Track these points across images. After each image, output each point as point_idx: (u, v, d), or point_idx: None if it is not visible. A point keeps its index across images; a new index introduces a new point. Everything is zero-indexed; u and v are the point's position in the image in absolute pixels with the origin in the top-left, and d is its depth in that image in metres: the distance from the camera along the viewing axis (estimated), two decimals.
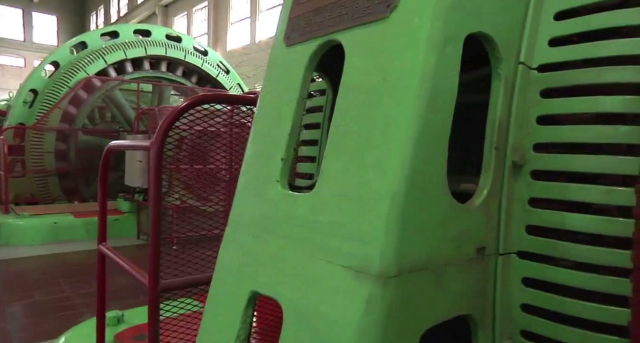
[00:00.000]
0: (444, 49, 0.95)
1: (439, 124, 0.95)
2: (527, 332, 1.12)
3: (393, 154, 0.93)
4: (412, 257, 0.93)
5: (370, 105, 1.00)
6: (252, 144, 1.38)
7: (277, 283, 1.12)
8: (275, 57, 1.39)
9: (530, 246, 1.11)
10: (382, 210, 0.91)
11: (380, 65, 1.01)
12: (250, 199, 1.31)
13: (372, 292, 0.89)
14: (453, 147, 1.55)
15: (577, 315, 1.03)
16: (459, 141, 1.53)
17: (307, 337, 0.99)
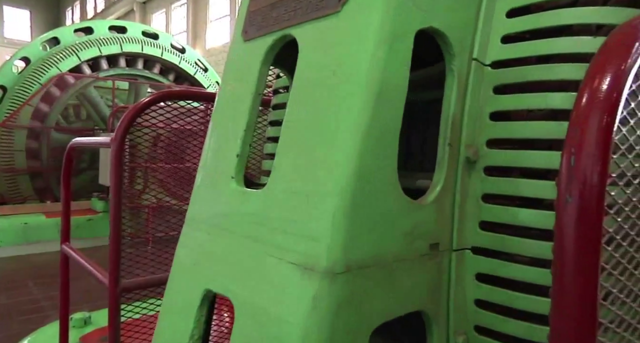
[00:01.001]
0: (394, 44, 0.94)
1: (388, 119, 0.95)
2: (481, 327, 1.13)
3: (340, 149, 0.92)
4: (361, 253, 0.92)
5: (320, 100, 0.99)
6: (209, 139, 1.35)
7: (229, 282, 1.10)
8: (233, 52, 1.37)
9: (484, 242, 1.11)
10: (329, 206, 0.90)
11: (331, 60, 1.00)
12: (206, 196, 1.29)
13: (319, 289, 0.88)
14: (414, 144, 1.55)
15: (530, 310, 1.04)
16: (420, 138, 1.54)
17: (256, 336, 0.97)
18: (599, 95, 0.54)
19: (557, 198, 0.52)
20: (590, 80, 0.56)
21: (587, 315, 0.51)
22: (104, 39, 9.02)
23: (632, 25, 0.58)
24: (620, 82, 0.54)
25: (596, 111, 0.53)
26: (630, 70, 0.55)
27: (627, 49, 0.55)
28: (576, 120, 0.54)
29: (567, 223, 0.51)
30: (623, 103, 0.54)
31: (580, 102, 0.55)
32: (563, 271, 0.50)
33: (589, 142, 0.51)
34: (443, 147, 1.10)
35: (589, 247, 0.50)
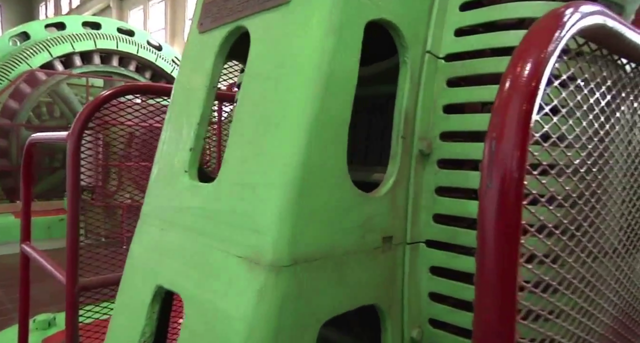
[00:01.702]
0: (342, 34, 0.93)
1: (336, 110, 0.94)
2: (435, 320, 1.13)
3: (287, 141, 0.90)
4: (308, 246, 0.91)
5: (269, 91, 0.98)
6: (164, 133, 1.32)
7: (179, 277, 1.07)
8: (189, 44, 1.34)
9: (438, 235, 1.11)
10: (274, 198, 0.89)
11: (280, 51, 0.98)
12: (160, 190, 1.26)
13: (265, 283, 0.87)
14: (374, 139, 1.55)
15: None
16: (380, 133, 1.53)
17: (203, 332, 0.95)
18: (518, 83, 0.54)
19: (479, 185, 0.51)
20: (511, 68, 0.56)
21: (507, 300, 0.51)
22: (77, 35, 8.81)
23: (554, 14, 0.59)
24: (539, 70, 0.54)
25: (516, 98, 0.53)
26: (550, 57, 0.55)
27: (548, 37, 0.55)
28: (497, 107, 0.54)
29: (487, 209, 0.51)
30: (542, 90, 0.54)
31: (502, 90, 0.55)
32: (484, 257, 0.50)
33: (509, 129, 0.51)
34: (396, 140, 1.09)
35: (508, 232, 0.50)
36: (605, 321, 0.92)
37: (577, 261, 0.80)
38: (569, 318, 0.80)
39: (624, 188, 0.99)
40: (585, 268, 0.82)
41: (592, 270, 0.84)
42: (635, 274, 1.04)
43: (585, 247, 0.81)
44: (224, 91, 3.49)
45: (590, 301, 0.85)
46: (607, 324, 0.93)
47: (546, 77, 0.55)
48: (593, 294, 0.85)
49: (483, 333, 0.51)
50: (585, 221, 0.82)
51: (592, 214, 0.82)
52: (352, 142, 1.60)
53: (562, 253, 0.74)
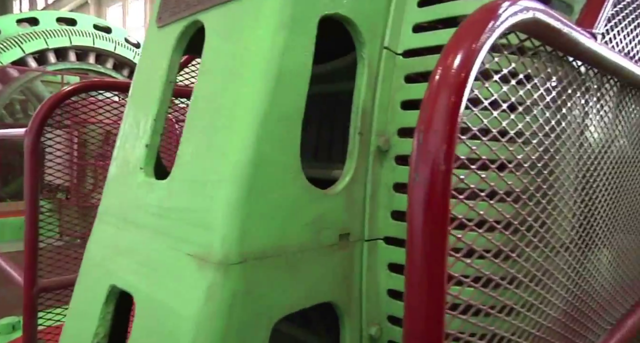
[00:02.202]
0: (293, 29, 0.92)
1: (289, 105, 0.92)
2: (394, 317, 1.12)
3: (237, 136, 0.89)
4: (259, 243, 0.89)
5: (221, 87, 0.96)
6: (122, 129, 1.29)
7: (132, 276, 1.05)
8: (147, 39, 1.32)
9: (396, 231, 1.11)
10: (224, 195, 0.87)
11: (232, 46, 0.97)
12: (117, 187, 1.23)
13: (213, 281, 0.85)
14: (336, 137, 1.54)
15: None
16: (342, 130, 1.53)
17: (153, 331, 0.93)
18: (447, 75, 0.53)
19: (409, 178, 0.51)
20: (441, 61, 0.55)
21: (435, 292, 0.51)
22: (51, 31, 8.60)
23: (486, 7, 0.58)
24: (468, 63, 0.53)
25: (444, 91, 0.52)
26: (480, 50, 0.55)
27: (479, 29, 0.55)
28: (426, 100, 0.53)
29: (415, 202, 0.50)
30: (471, 82, 0.54)
31: (431, 82, 0.54)
32: (412, 249, 0.50)
33: (437, 121, 0.50)
34: (354, 136, 1.09)
35: (435, 225, 0.49)
36: (554, 315, 0.93)
37: (521, 257, 0.80)
38: (513, 313, 0.81)
39: (576, 186, 1.00)
40: (531, 263, 0.83)
41: (537, 266, 0.84)
42: (586, 270, 1.06)
43: (530, 243, 0.82)
44: (181, 87, 3.44)
45: (537, 296, 0.86)
46: (555, 318, 0.94)
47: (476, 70, 0.55)
48: (539, 289, 0.86)
49: (412, 324, 0.51)
50: (531, 217, 0.82)
51: (537, 210, 0.83)
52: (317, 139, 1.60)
53: (504, 249, 0.75)
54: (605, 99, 1.08)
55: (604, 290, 1.20)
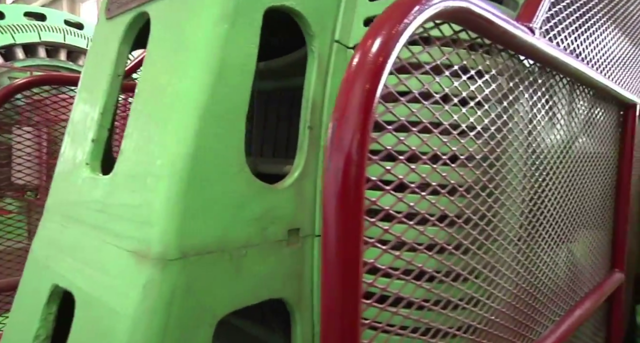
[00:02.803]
0: (236, 21, 0.90)
1: (231, 98, 0.91)
2: None
3: (176, 130, 0.87)
4: (200, 238, 0.87)
5: (164, 79, 0.94)
6: (70, 124, 1.26)
7: (73, 275, 1.02)
8: (96, 31, 1.28)
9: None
10: (162, 189, 0.85)
11: (175, 37, 0.95)
12: (63, 184, 1.20)
13: (151, 277, 0.83)
14: (292, 132, 1.53)
15: (388, 293, 1.04)
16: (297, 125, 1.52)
17: (91, 330, 0.90)
18: (365, 60, 0.52)
19: (323, 167, 0.50)
20: (361, 44, 0.54)
21: (350, 283, 0.50)
22: (19, 26, 8.30)
23: None
24: (387, 47, 0.53)
25: (360, 76, 0.51)
26: (401, 35, 0.54)
27: (403, 12, 0.54)
28: (342, 85, 0.52)
29: (328, 191, 0.49)
30: (389, 68, 0.53)
31: (349, 68, 0.53)
32: (326, 239, 0.48)
33: (350, 109, 0.49)
34: (303, 130, 1.07)
35: (348, 214, 0.48)
36: (498, 308, 0.93)
37: (459, 250, 0.81)
38: (450, 307, 0.81)
39: (521, 180, 1.01)
40: (469, 257, 0.83)
41: (477, 259, 0.85)
42: (532, 263, 1.07)
43: (467, 236, 0.82)
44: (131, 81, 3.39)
45: (476, 289, 0.86)
46: (500, 311, 0.94)
47: (394, 55, 0.54)
48: (480, 282, 0.86)
49: (327, 313, 0.50)
50: (469, 210, 0.83)
51: (477, 203, 0.83)
52: (275, 135, 1.58)
53: (439, 241, 0.75)
54: (552, 95, 1.10)
55: (552, 283, 1.21)
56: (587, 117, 1.37)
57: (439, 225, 0.75)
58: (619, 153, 1.73)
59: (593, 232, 1.63)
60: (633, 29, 1.79)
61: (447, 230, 0.77)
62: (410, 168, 0.67)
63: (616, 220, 1.74)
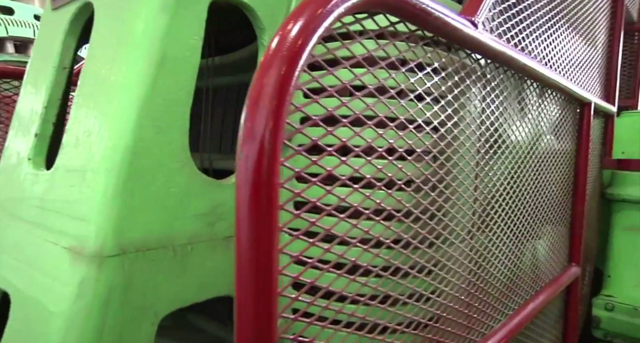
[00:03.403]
0: (178, 12, 0.88)
1: (173, 91, 0.88)
2: (297, 310, 1.10)
3: (115, 123, 0.84)
4: (140, 234, 0.85)
5: (105, 71, 0.91)
6: (15, 118, 1.21)
7: (12, 275, 0.98)
8: (42, 22, 1.24)
9: (299, 223, 1.09)
10: (99, 184, 0.82)
11: (117, 28, 0.92)
12: (6, 181, 1.15)
13: (87, 275, 0.80)
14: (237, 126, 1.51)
15: (333, 289, 1.04)
16: None
17: (25, 330, 0.87)
18: (284, 42, 0.51)
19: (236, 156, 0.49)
20: (282, 27, 0.52)
21: (263, 277, 0.49)
22: None
23: None
24: (308, 30, 0.51)
25: (277, 59, 0.50)
26: (325, 19, 0.53)
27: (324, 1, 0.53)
28: (257, 70, 0.51)
29: (240, 183, 0.48)
30: (308, 52, 0.51)
31: (267, 51, 0.51)
32: (239, 229, 0.47)
33: (264, 94, 0.48)
34: None
35: (260, 209, 0.47)
36: (447, 304, 0.94)
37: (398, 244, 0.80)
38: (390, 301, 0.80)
39: (468, 174, 1.01)
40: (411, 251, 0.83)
41: (419, 253, 0.85)
42: (483, 258, 1.08)
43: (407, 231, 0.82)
44: None
45: (421, 284, 0.86)
46: (448, 307, 0.95)
47: (315, 40, 0.53)
48: (423, 277, 0.86)
49: (241, 307, 0.49)
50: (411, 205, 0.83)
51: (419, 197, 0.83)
52: (233, 130, 1.56)
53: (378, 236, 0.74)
54: (502, 91, 1.11)
55: (506, 277, 1.23)
56: (542, 114, 1.39)
57: (375, 219, 0.75)
58: (576, 150, 1.77)
59: (552, 227, 1.66)
60: (587, 29, 1.83)
61: (384, 224, 0.76)
62: (341, 160, 0.66)
63: (573, 215, 1.77)
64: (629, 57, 2.73)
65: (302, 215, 0.60)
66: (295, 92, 0.55)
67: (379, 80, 0.71)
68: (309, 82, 0.60)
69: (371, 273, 0.75)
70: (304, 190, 0.59)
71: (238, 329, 0.50)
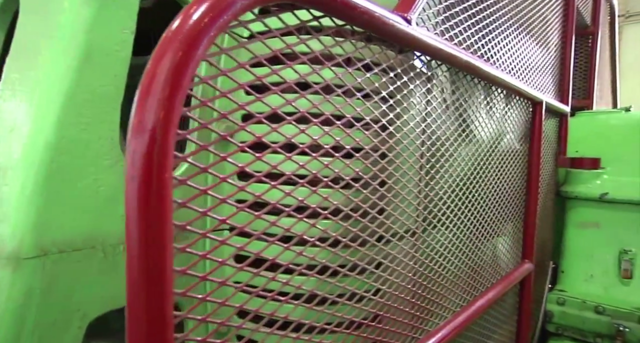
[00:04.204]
0: (104, 4, 0.85)
1: (100, 86, 0.85)
2: (243, 312, 1.09)
3: (36, 119, 0.80)
4: (64, 234, 0.81)
5: (28, 65, 0.87)
6: None
7: None
8: None
9: (242, 221, 1.07)
10: (18, 182, 0.78)
11: (42, 21, 0.88)
12: None
13: (2, 278, 0.76)
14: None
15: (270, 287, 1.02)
16: None
17: None
18: (183, 26, 0.48)
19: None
20: (185, 11, 0.50)
21: (154, 276, 0.47)
22: None
23: None
24: (212, 14, 0.49)
25: (173, 42, 0.46)
26: (232, 5, 0.51)
27: None
28: (153, 54, 0.48)
29: (129, 177, 0.45)
30: (210, 38, 0.49)
31: (165, 33, 0.48)
32: (129, 233, 0.45)
33: (156, 82, 0.46)
34: (193, 123, 1.03)
35: (150, 204, 0.45)
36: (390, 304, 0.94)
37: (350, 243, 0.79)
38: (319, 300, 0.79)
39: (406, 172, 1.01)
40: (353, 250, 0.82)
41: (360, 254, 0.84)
42: (426, 255, 1.08)
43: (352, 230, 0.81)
44: None
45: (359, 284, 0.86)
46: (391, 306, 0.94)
47: (220, 26, 0.51)
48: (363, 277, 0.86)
49: (132, 311, 0.46)
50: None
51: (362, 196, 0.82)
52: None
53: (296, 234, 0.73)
54: (444, 88, 1.11)
55: (454, 275, 1.24)
56: (491, 113, 1.41)
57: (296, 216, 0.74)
58: (529, 148, 1.80)
59: (506, 225, 1.69)
60: (539, 32, 1.87)
61: (308, 222, 0.75)
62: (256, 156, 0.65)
63: (526, 213, 1.81)
64: (584, 59, 2.81)
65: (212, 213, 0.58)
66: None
67: (299, 75, 0.70)
68: (214, 77, 0.58)
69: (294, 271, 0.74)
70: (210, 187, 0.57)
71: (129, 334, 0.47)
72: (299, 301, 0.77)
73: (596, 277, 1.92)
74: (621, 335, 1.66)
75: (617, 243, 1.89)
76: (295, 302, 0.77)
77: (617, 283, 1.85)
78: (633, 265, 1.81)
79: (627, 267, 1.80)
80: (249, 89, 0.64)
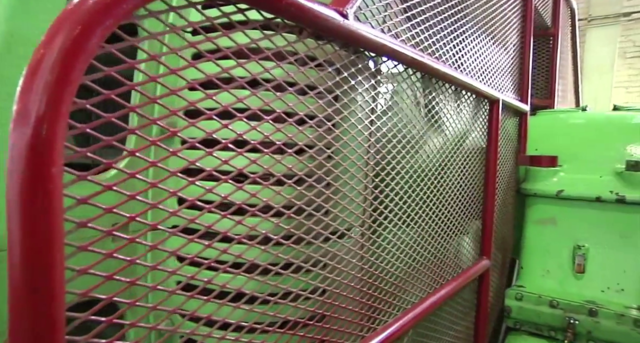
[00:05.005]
0: None
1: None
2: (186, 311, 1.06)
3: None
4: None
5: None
6: None
7: None
8: None
9: (180, 220, 1.05)
10: None
11: None
12: None
13: None
14: None
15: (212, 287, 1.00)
16: None
17: None
18: (80, 3, 0.45)
19: None
20: None
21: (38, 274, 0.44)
22: None
23: None
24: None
25: (67, 21, 0.43)
26: None
27: None
28: (44, 37, 0.44)
29: (9, 168, 0.42)
30: (110, 22, 0.46)
31: (60, 14, 0.45)
32: (11, 236, 0.42)
33: (45, 65, 0.43)
34: (133, 118, 1.01)
35: (34, 202, 0.43)
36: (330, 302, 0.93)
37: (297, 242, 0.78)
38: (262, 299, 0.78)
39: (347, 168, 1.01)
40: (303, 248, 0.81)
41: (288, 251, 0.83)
42: (375, 255, 1.08)
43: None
44: None
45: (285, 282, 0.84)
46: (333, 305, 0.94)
47: (125, 13, 0.48)
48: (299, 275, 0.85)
49: (14, 315, 0.44)
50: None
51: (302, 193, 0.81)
52: None
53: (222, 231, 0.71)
54: (391, 84, 1.11)
55: (405, 273, 1.24)
56: (445, 110, 1.42)
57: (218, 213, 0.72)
58: (486, 146, 1.83)
59: (465, 222, 1.70)
60: (497, 32, 1.90)
61: (233, 219, 0.74)
62: (207, 151, 0.63)
63: (484, 210, 1.83)
64: (545, 60, 2.87)
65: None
66: None
67: (222, 69, 0.68)
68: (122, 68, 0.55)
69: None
70: (150, 186, 0.55)
71: None
72: (238, 303, 0.75)
73: (552, 272, 1.96)
74: (571, 327, 1.70)
75: (571, 239, 1.93)
76: (232, 304, 0.76)
77: (571, 278, 1.89)
78: (586, 259, 1.85)
79: (580, 261, 1.84)
80: (164, 84, 0.62)
